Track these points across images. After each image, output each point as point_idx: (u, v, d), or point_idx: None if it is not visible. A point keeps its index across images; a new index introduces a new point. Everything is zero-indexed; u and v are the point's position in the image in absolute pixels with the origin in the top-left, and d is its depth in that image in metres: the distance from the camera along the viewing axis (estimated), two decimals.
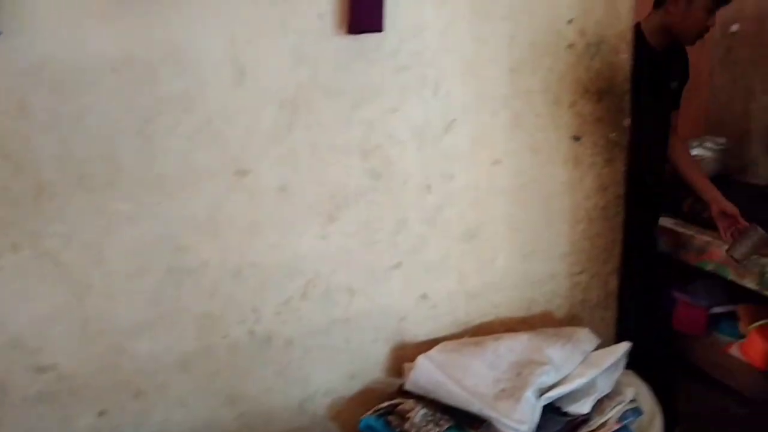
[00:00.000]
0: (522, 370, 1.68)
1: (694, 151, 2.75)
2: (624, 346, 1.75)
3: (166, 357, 1.57)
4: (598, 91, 1.86)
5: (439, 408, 1.63)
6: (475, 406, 1.59)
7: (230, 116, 1.52)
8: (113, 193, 1.45)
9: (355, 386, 1.77)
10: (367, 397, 1.75)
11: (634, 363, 1.78)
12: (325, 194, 1.64)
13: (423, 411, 1.61)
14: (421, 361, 1.68)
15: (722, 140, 2.80)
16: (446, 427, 1.59)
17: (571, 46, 1.81)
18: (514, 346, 1.75)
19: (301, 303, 1.67)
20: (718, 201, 2.34)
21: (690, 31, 2.17)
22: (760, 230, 2.16)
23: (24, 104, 1.36)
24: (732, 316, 2.58)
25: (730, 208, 2.31)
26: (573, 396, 1.66)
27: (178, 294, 1.55)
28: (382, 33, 1.56)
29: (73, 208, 1.43)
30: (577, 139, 1.88)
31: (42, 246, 1.42)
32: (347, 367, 1.76)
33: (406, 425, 1.58)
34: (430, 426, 1.59)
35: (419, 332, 1.81)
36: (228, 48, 1.48)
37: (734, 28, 2.81)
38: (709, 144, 2.77)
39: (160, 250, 1.52)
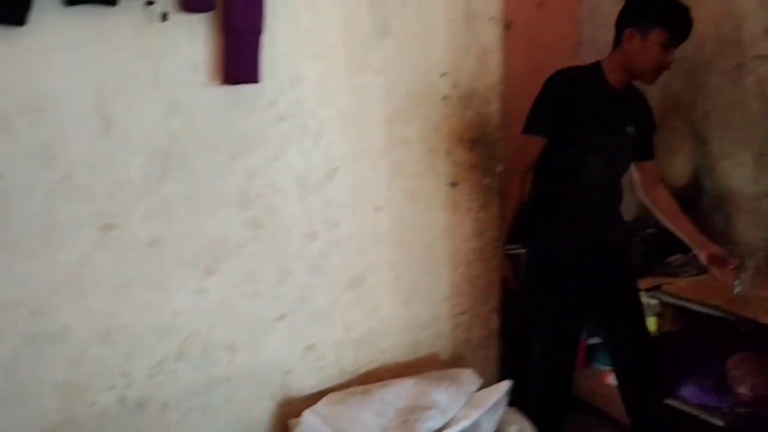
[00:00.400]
0: (409, 416, 1.68)
1: None
2: (505, 385, 1.79)
3: (24, 430, 1.43)
4: (471, 139, 1.93)
5: None
6: None
7: (96, 168, 1.44)
8: None
9: None
10: None
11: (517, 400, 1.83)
12: (203, 247, 1.58)
13: None
14: (307, 416, 1.64)
15: None
16: None
17: (445, 98, 1.88)
18: (400, 393, 1.75)
19: (177, 363, 1.59)
20: (707, 247, 2.16)
21: (646, 68, 1.94)
22: (751, 261, 2.26)
23: None
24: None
25: (719, 251, 2.18)
26: None
27: (37, 362, 1.43)
28: (259, 83, 1.55)
29: None
30: (454, 185, 1.93)
31: None
32: (230, 428, 1.68)
33: None
34: None
35: (306, 385, 1.77)
36: (94, 98, 1.42)
37: None
38: None
39: (15, 315, 1.40)
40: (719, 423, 2.28)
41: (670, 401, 2.42)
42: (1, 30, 1.30)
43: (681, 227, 2.22)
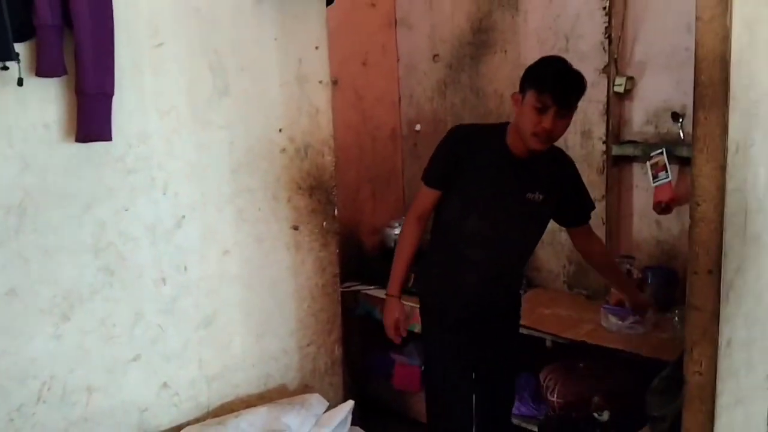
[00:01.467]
0: None
1: (395, 231, 3.15)
2: (349, 405, 2.00)
3: None
4: (309, 187, 2.17)
5: None
6: None
7: None
8: None
9: None
10: None
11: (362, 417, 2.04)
12: (58, 294, 1.66)
13: None
14: None
15: None
16: None
17: (283, 150, 2.10)
18: (254, 420, 1.89)
19: (36, 407, 1.64)
20: (635, 296, 2.31)
21: (526, 132, 1.83)
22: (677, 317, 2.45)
23: None
24: None
25: (645, 300, 2.36)
26: None
27: None
28: (110, 140, 1.68)
29: None
30: (295, 228, 2.15)
31: None
32: None
33: None
34: None
35: (162, 422, 1.86)
36: None
37: (417, 127, 3.43)
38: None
39: None
40: (535, 430, 2.64)
41: None
42: None
43: (613, 279, 2.36)
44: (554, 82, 1.81)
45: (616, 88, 2.73)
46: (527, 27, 2.94)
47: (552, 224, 2.94)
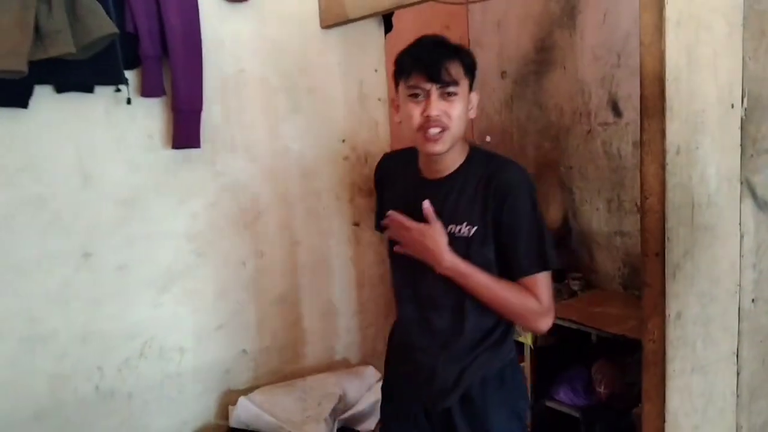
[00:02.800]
0: (322, 400, 2.15)
1: None
2: None
3: (22, 412, 1.86)
4: (368, 189, 2.49)
5: None
6: (288, 431, 2.03)
7: (78, 212, 1.93)
8: None
9: (188, 431, 2.13)
10: None
11: None
12: (158, 271, 2.07)
13: None
14: (242, 401, 2.10)
15: None
16: None
17: (346, 158, 2.44)
18: (317, 384, 2.22)
19: (139, 362, 2.04)
20: None
21: (414, 132, 1.47)
22: None
23: None
24: None
25: None
26: (360, 417, 2.15)
27: (32, 357, 1.88)
28: (200, 148, 2.08)
29: None
30: (357, 225, 2.47)
31: None
32: (181, 414, 2.12)
33: None
34: None
35: (240, 381, 2.23)
36: (76, 160, 1.92)
37: (488, 139, 3.68)
38: None
39: (16, 321, 1.85)
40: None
41: (548, 403, 2.93)
42: (10, 111, 1.81)
43: None
44: (415, 57, 1.46)
45: None
46: (584, 44, 3.14)
47: (607, 226, 3.19)
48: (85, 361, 1.95)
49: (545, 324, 1.51)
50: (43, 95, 1.85)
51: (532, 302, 1.47)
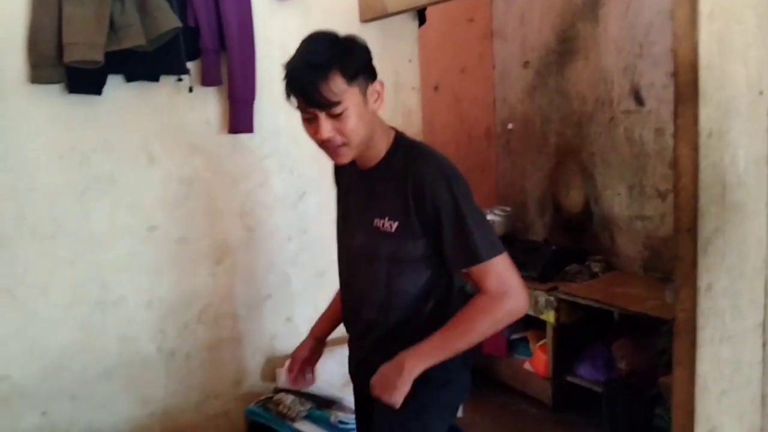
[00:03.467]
0: None
1: (489, 217, 3.55)
2: None
3: (94, 369, 2.07)
4: None
5: (304, 396, 2.24)
6: (329, 392, 2.22)
7: (144, 189, 2.14)
8: (57, 244, 2.00)
9: (238, 390, 2.34)
10: (249, 398, 2.32)
11: None
12: (214, 244, 2.27)
13: (292, 398, 2.21)
14: (288, 361, 2.29)
15: (508, 209, 3.73)
16: (309, 407, 2.20)
17: None
18: None
19: (197, 326, 2.25)
20: None
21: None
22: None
23: None
24: (525, 340, 3.38)
25: None
26: None
27: (103, 320, 2.09)
28: (252, 133, 2.28)
29: (26, 255, 1.96)
30: None
31: (2, 283, 1.93)
32: (232, 375, 2.33)
33: (281, 408, 2.17)
34: (298, 407, 2.19)
35: (286, 347, 2.42)
36: (143, 142, 2.13)
37: (510, 126, 3.83)
38: (498, 212, 3.68)
39: (90, 287, 2.06)
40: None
41: (569, 378, 3.10)
42: (85, 97, 2.01)
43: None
44: (290, 82, 1.36)
45: None
46: (606, 35, 3.28)
47: (629, 210, 3.33)
48: (149, 325, 2.16)
49: (523, 305, 1.41)
50: (114, 84, 2.05)
51: (488, 302, 1.38)
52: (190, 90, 2.15)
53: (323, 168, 2.49)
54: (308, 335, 1.83)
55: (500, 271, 1.39)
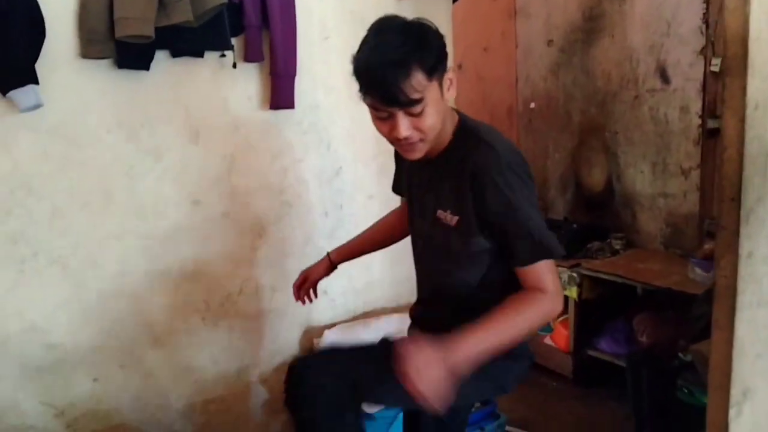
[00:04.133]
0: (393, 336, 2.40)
1: None
2: None
3: (142, 337, 2.14)
4: None
5: None
6: None
7: (188, 164, 2.18)
8: (106, 216, 2.06)
9: (277, 359, 2.41)
10: (287, 367, 2.38)
11: None
12: (255, 218, 2.32)
13: None
14: (327, 333, 2.37)
15: None
16: None
17: None
18: (388, 324, 2.48)
19: (238, 298, 2.31)
20: None
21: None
22: None
23: (46, 153, 1.95)
24: None
25: None
26: None
27: (152, 290, 2.15)
28: (293, 108, 2.31)
29: (77, 226, 2.01)
30: None
31: (54, 254, 1.99)
32: (271, 345, 2.40)
33: None
34: None
35: (322, 318, 2.49)
36: (187, 117, 2.16)
37: (532, 105, 3.86)
38: None
39: (139, 258, 2.12)
40: (623, 364, 3.03)
41: (591, 352, 3.17)
42: (133, 73, 2.04)
43: None
44: (368, 79, 1.34)
45: (713, 68, 3.03)
46: (633, 13, 3.29)
47: (651, 188, 3.37)
48: (194, 295, 2.22)
49: (557, 311, 1.42)
50: (160, 59, 2.08)
51: (538, 301, 1.38)
52: (234, 66, 2.18)
53: (358, 144, 2.56)
54: (324, 257, 1.96)
55: (546, 273, 1.39)
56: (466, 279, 1.49)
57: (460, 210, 1.41)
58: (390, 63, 1.27)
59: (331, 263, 1.97)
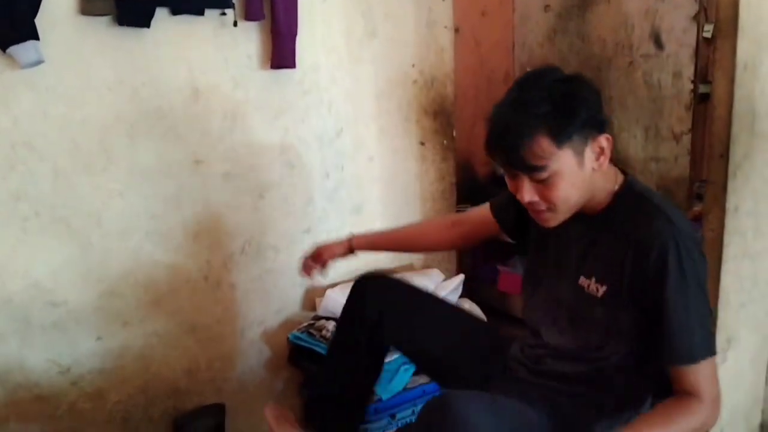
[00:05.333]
0: None
1: None
2: (460, 277, 2.57)
3: (146, 296, 2.15)
4: (434, 112, 2.71)
5: None
6: None
7: (190, 123, 2.17)
8: (109, 176, 2.05)
9: (280, 318, 2.43)
10: (289, 325, 2.42)
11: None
12: (256, 179, 2.32)
13: (333, 324, 2.30)
14: (329, 292, 2.39)
15: None
16: None
17: (414, 81, 2.66)
18: None
19: (240, 257, 2.32)
20: None
21: None
22: None
23: (45, 112, 1.93)
24: None
25: None
26: None
27: (154, 249, 2.15)
28: (294, 68, 2.30)
29: (80, 185, 2.00)
30: (423, 144, 2.71)
31: (57, 213, 1.98)
32: (274, 304, 2.42)
33: (323, 333, 2.26)
34: None
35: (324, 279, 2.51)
36: (188, 76, 2.15)
37: (528, 70, 3.86)
38: None
39: (141, 217, 2.12)
40: None
41: None
42: (133, 31, 2.02)
43: None
44: (489, 140, 1.28)
45: (705, 34, 3.04)
46: None
47: (644, 152, 3.42)
48: (196, 255, 2.23)
49: (712, 423, 1.25)
50: (161, 17, 2.05)
51: (694, 409, 1.21)
52: (235, 24, 2.16)
53: (359, 106, 2.56)
54: (346, 239, 1.89)
55: (707, 376, 1.22)
56: (602, 357, 1.33)
57: (610, 279, 1.27)
58: (513, 124, 1.21)
59: (350, 248, 1.89)
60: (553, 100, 1.19)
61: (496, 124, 1.25)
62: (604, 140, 1.25)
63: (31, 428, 2.02)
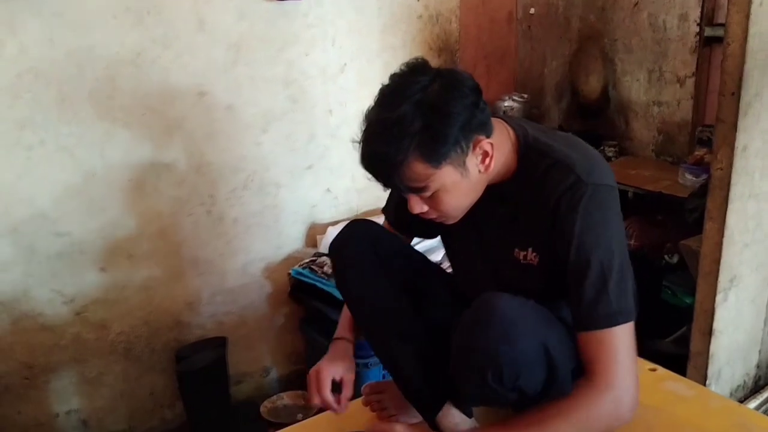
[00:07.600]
0: None
1: (506, 103, 3.60)
2: None
3: (149, 228, 2.15)
4: (438, 48, 2.68)
5: None
6: None
7: (194, 53, 2.12)
8: (113, 105, 2.02)
9: (281, 254, 2.45)
10: (291, 261, 2.43)
11: None
12: (259, 113, 2.29)
13: None
14: (329, 229, 2.40)
15: (525, 95, 3.76)
16: None
17: (419, 16, 2.61)
18: None
19: (243, 192, 2.32)
20: None
21: None
22: None
23: (52, 39, 1.88)
24: None
25: None
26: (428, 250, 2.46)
27: (157, 182, 2.14)
28: (299, 0, 2.25)
29: (84, 114, 1.97)
30: None
31: (62, 142, 1.96)
32: (276, 240, 2.43)
33: (325, 269, 2.28)
34: None
35: (325, 216, 2.52)
36: (193, 5, 2.09)
37: (532, 10, 3.78)
38: (516, 98, 3.72)
39: (145, 148, 2.10)
40: None
41: None
42: None
43: None
44: (363, 164, 1.26)
45: None
46: None
47: (646, 96, 3.40)
48: (199, 189, 2.22)
49: (624, 416, 1.10)
50: None
51: (595, 403, 1.08)
52: None
53: (363, 40, 2.51)
54: (340, 341, 1.47)
55: (612, 349, 1.09)
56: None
57: (541, 246, 1.20)
58: (383, 153, 1.14)
59: (349, 343, 1.47)
60: (422, 113, 1.10)
61: (366, 151, 1.18)
62: (486, 144, 1.14)
63: (37, 357, 2.05)
